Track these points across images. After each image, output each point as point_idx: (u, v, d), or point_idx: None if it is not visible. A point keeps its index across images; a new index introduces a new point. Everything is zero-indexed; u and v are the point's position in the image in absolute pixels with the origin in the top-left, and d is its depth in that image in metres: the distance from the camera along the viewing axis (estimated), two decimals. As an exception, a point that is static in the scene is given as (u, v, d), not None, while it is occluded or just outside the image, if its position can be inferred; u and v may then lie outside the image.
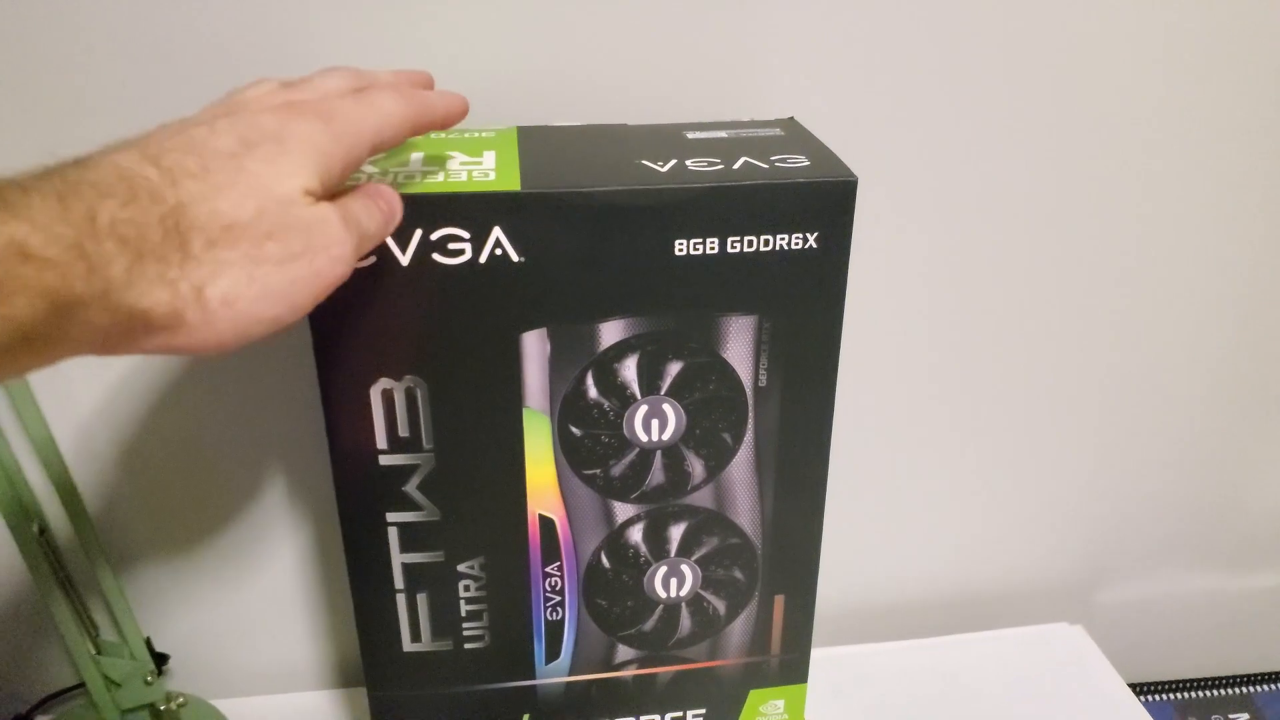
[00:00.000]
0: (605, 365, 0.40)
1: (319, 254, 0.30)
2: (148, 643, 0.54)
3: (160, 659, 0.55)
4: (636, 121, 0.45)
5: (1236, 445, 0.66)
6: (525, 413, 0.41)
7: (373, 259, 0.37)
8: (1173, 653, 0.73)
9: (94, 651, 0.53)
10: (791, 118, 0.46)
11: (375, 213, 0.33)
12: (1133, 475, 0.65)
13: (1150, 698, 0.71)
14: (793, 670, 0.49)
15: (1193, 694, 0.72)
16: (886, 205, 0.53)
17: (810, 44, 0.49)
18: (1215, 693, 0.73)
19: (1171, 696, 0.72)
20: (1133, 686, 0.63)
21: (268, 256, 0.28)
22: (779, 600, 0.47)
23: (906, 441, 0.61)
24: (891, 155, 0.52)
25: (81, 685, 0.58)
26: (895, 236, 0.54)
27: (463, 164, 0.39)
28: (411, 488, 0.42)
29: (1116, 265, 0.57)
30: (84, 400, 0.52)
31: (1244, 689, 0.73)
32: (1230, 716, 0.71)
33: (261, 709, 0.60)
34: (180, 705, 0.56)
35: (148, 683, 0.54)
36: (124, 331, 0.26)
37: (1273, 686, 0.73)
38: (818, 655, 0.63)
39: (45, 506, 0.52)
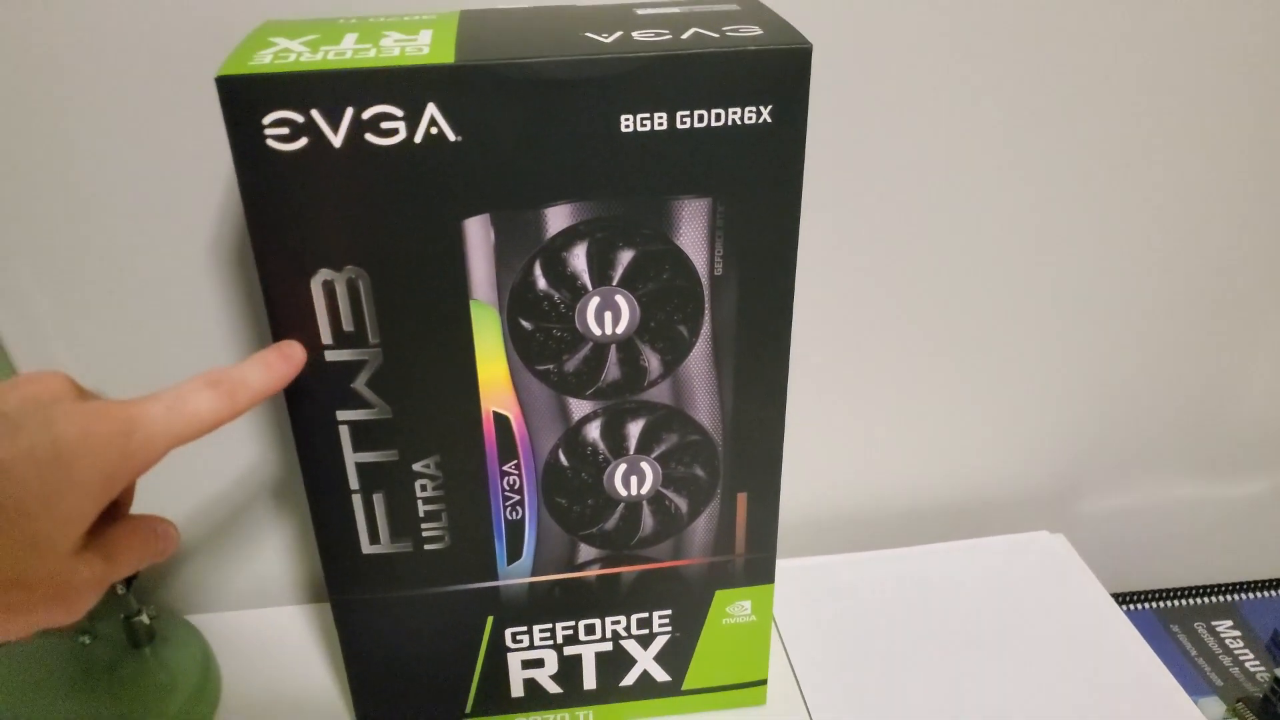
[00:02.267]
0: (553, 254, 0.39)
1: (59, 608, 0.29)
2: (115, 555, 0.54)
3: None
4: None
5: (1218, 352, 0.64)
6: (473, 305, 0.40)
7: (304, 141, 0.36)
8: (1156, 562, 0.73)
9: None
10: (752, -4, 0.44)
11: (135, 556, 0.32)
12: (1113, 382, 0.64)
13: (1133, 606, 0.71)
14: (759, 570, 0.49)
15: (1176, 602, 0.72)
16: (858, 92, 0.51)
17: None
18: (1199, 601, 0.72)
19: (1154, 605, 0.72)
20: (1115, 596, 0.63)
21: (10, 603, 0.28)
22: (742, 498, 0.46)
23: (879, 345, 0.60)
24: (864, 35, 0.50)
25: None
26: (864, 125, 0.52)
27: (396, 41, 0.37)
28: (360, 384, 0.41)
29: (1097, 163, 0.56)
30: (45, 323, 0.51)
31: (1228, 597, 0.72)
32: (1214, 623, 0.71)
33: (234, 623, 0.60)
34: (153, 618, 0.56)
35: (119, 593, 0.54)
36: None
37: (1257, 595, 0.73)
38: (789, 565, 0.63)
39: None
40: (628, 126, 0.37)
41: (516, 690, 0.50)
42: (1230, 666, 0.67)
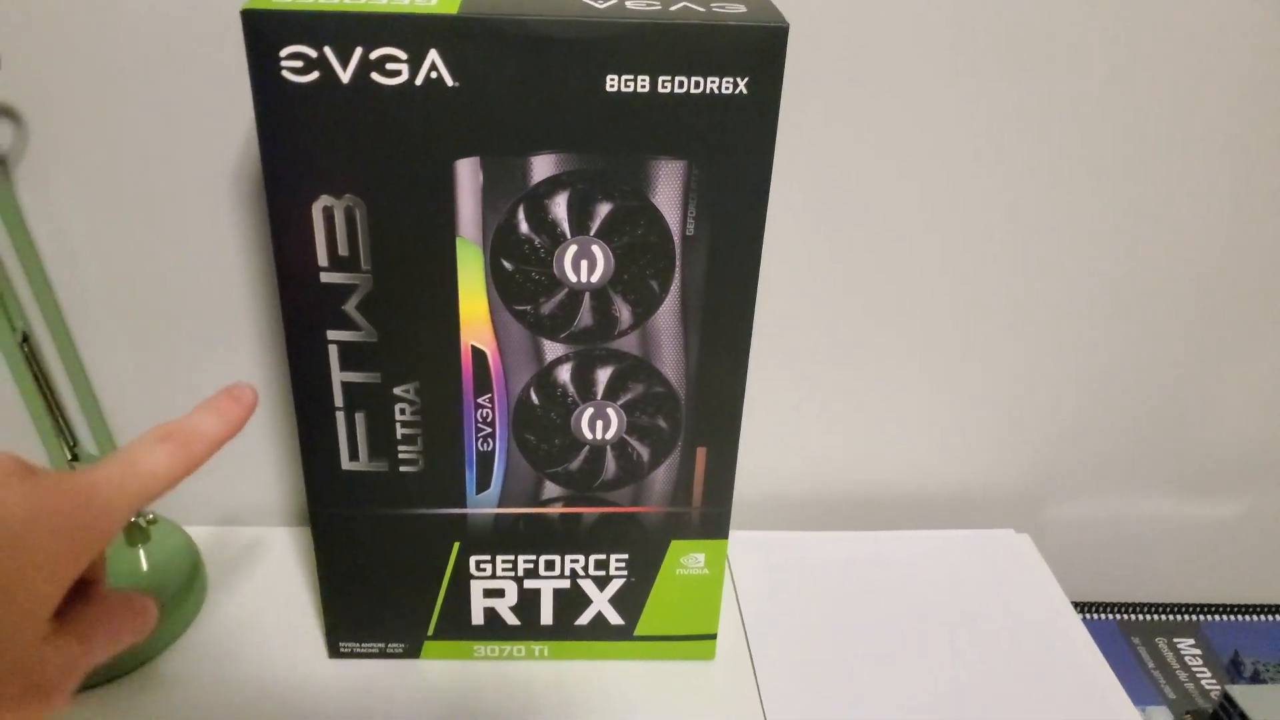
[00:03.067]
0: (536, 200, 0.42)
1: (34, 702, 0.27)
2: (121, 458, 0.58)
3: (132, 474, 0.59)
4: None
5: (1199, 370, 0.66)
6: (459, 242, 0.43)
7: (316, 74, 0.39)
8: (1121, 574, 0.74)
9: (71, 459, 0.57)
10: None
11: (117, 635, 0.31)
12: (1093, 389, 0.66)
13: (1096, 615, 0.73)
14: (714, 525, 0.51)
15: (1139, 616, 0.73)
16: (842, 75, 0.53)
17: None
18: (1163, 617, 0.73)
19: (1117, 617, 0.73)
20: (1080, 605, 0.64)
21: None
22: (701, 452, 0.49)
23: (860, 331, 0.62)
24: (853, 20, 0.52)
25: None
26: (844, 109, 0.55)
27: (409, -10, 0.40)
28: (351, 307, 0.44)
29: (1082, 163, 0.57)
30: (70, 215, 0.55)
31: (1193, 616, 0.74)
32: (1175, 640, 0.72)
33: (224, 537, 0.64)
34: (150, 521, 0.60)
35: (119, 494, 0.57)
36: None
37: (1222, 617, 0.74)
38: (754, 535, 0.66)
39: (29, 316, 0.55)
40: (612, 86, 0.40)
41: (477, 618, 0.53)
42: (1186, 682, 0.68)
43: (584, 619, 0.54)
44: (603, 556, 0.52)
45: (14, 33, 0.50)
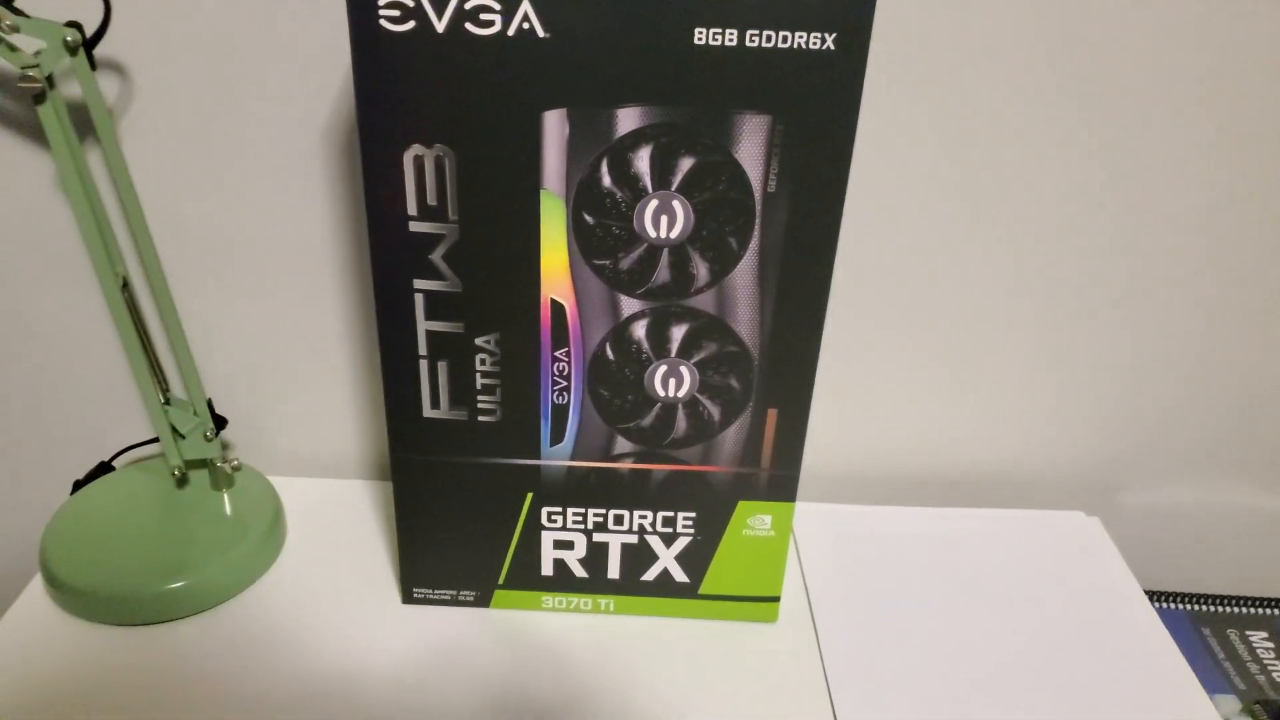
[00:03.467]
0: (620, 154, 0.43)
1: None
2: (209, 405, 0.60)
3: (220, 421, 0.61)
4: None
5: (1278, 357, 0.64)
6: (543, 194, 0.44)
7: (412, 23, 0.40)
8: (1194, 564, 0.73)
9: (164, 402, 0.59)
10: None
11: None
12: (1170, 374, 0.65)
13: (1165, 605, 0.71)
14: (782, 487, 0.52)
15: (1211, 608, 0.72)
16: (931, 38, 0.53)
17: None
18: (1236, 609, 0.72)
19: (1188, 606, 0.72)
20: (1148, 593, 0.63)
21: None
22: (772, 414, 0.49)
23: (939, 306, 0.62)
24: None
25: (153, 441, 0.64)
26: (932, 79, 0.54)
27: (504, -56, 0.41)
28: (437, 257, 0.45)
29: (1163, 163, 0.56)
30: (170, 164, 0.58)
31: (1267, 610, 0.72)
32: (1248, 633, 0.70)
33: (304, 488, 0.66)
34: (235, 467, 0.62)
35: (207, 438, 0.60)
36: None
37: (1299, 613, 0.72)
38: (822, 508, 0.66)
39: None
40: (700, 39, 0.40)
41: (547, 569, 0.55)
42: (1257, 674, 0.67)
43: (650, 575, 0.55)
44: (670, 514, 0.53)
45: (125, -11, 0.52)
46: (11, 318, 0.63)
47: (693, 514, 0.53)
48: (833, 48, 0.40)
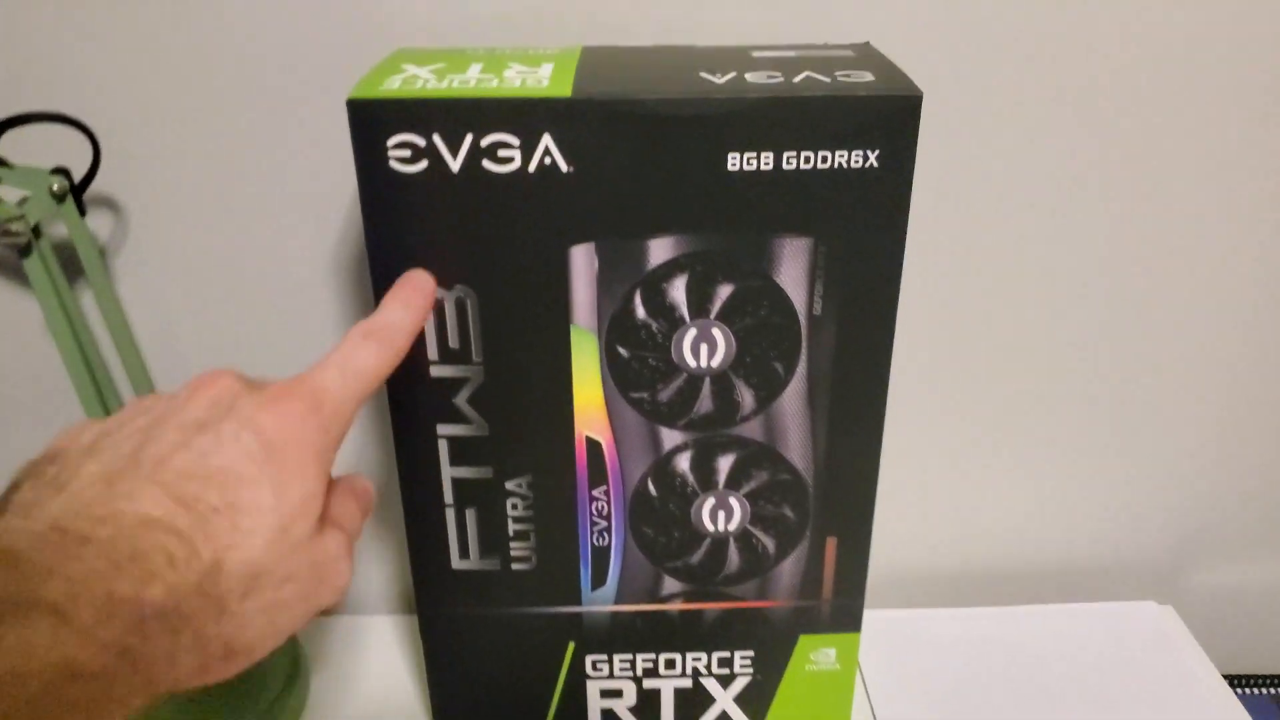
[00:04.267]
0: (654, 285, 0.40)
1: (325, 588, 0.30)
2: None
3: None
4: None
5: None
6: (573, 330, 0.41)
7: (425, 163, 0.37)
8: (1273, 644, 0.68)
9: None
10: (867, 42, 0.44)
11: (356, 514, 0.34)
12: (1233, 448, 0.61)
13: (1247, 690, 0.67)
14: (845, 617, 0.48)
15: (1296, 691, 0.68)
16: (968, 140, 0.51)
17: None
18: (1322, 692, 0.67)
19: (1273, 690, 0.67)
20: (1228, 678, 0.59)
21: (285, 600, 0.29)
22: (831, 542, 0.46)
23: (987, 398, 0.58)
24: (968, 92, 0.50)
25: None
26: (975, 175, 0.52)
27: (519, 73, 0.38)
28: (461, 400, 0.42)
29: (1226, 229, 0.53)
30: (171, 306, 0.55)
31: (1355, 690, 0.67)
32: (1339, 718, 0.66)
33: (327, 628, 0.62)
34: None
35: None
36: (147, 700, 0.26)
37: (1389, 691, 0.67)
38: (881, 615, 0.62)
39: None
40: (734, 165, 0.37)
41: (594, 719, 0.50)
42: (1352, 762, 0.62)
43: (707, 718, 0.51)
44: (726, 654, 0.49)
45: (112, 123, 0.49)
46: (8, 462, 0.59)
47: (750, 652, 0.49)
48: (875, 165, 0.37)
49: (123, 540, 0.25)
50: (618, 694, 0.50)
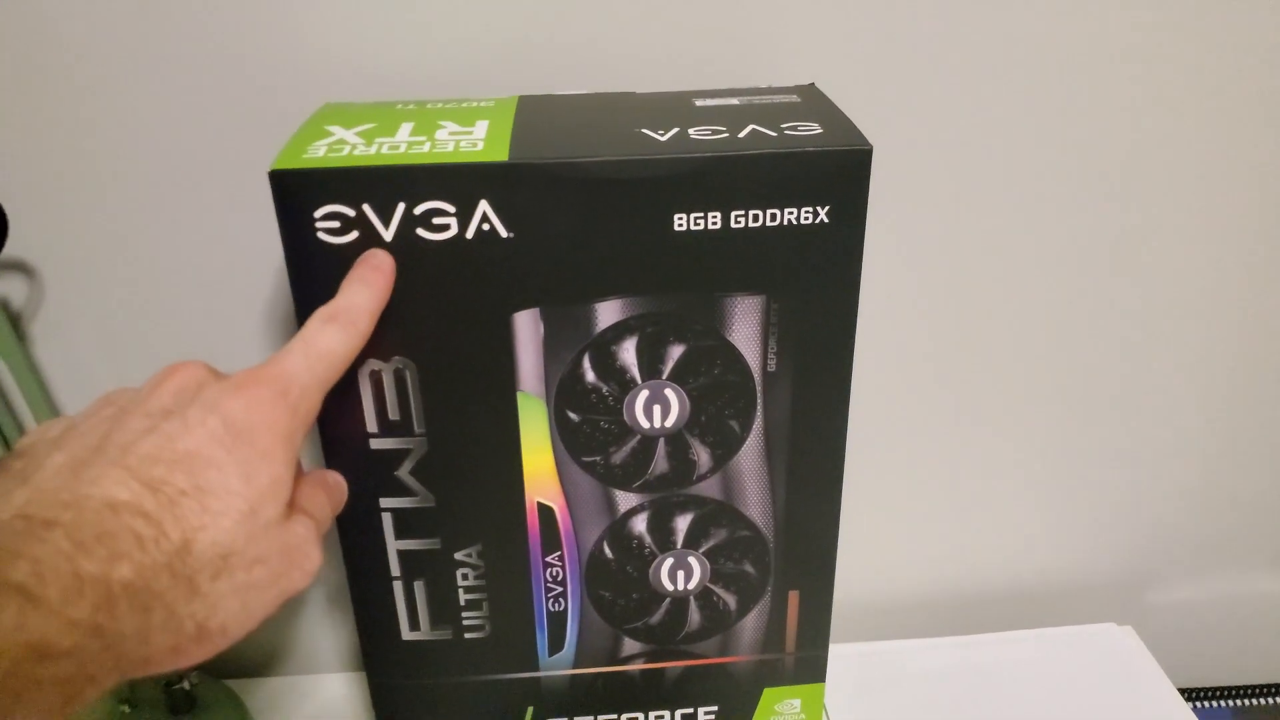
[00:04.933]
0: (603, 348, 0.38)
1: (295, 571, 0.30)
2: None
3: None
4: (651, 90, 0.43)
5: (1305, 438, 0.61)
6: (520, 397, 0.39)
7: (355, 234, 0.35)
8: (1231, 657, 0.69)
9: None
10: (812, 84, 0.43)
11: (325, 504, 0.34)
12: (1183, 470, 0.61)
13: (1207, 704, 0.67)
14: (809, 669, 0.47)
15: (1252, 700, 0.68)
16: (921, 179, 0.50)
17: (839, 9, 0.46)
18: (1277, 700, 0.68)
19: (1229, 703, 0.68)
20: (1189, 691, 0.60)
21: (256, 581, 0.29)
22: (793, 596, 0.45)
23: (942, 426, 0.58)
24: (923, 127, 0.49)
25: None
26: (926, 215, 0.51)
27: (451, 134, 0.37)
28: (404, 473, 0.40)
29: (1168, 251, 0.53)
30: (92, 369, 0.52)
31: (1310, 696, 0.68)
32: (1293, 724, 0.67)
33: (274, 689, 0.60)
34: (194, 684, 0.56)
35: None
36: (120, 677, 0.26)
37: (1342, 695, 0.68)
38: (842, 650, 0.61)
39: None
40: (681, 225, 0.36)
41: (555, 782, 0.49)
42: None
43: (672, 776, 0.49)
44: (690, 711, 0.47)
45: (23, 187, 0.46)
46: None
47: (714, 708, 0.47)
48: (826, 221, 0.36)
49: (88, 523, 0.25)
50: (580, 758, 0.48)
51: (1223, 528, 0.64)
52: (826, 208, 0.36)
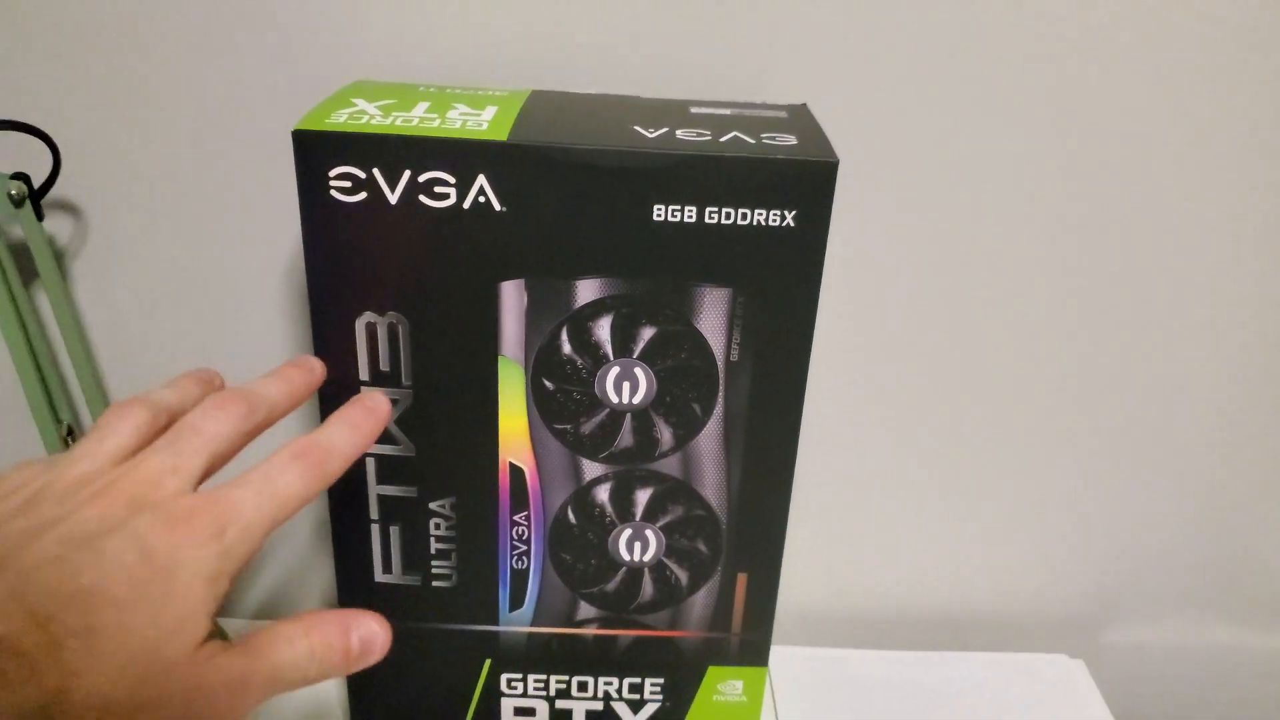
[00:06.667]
0: (580, 323, 0.42)
1: (211, 714, 0.28)
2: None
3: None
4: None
5: (1263, 498, 0.63)
6: (500, 361, 0.42)
7: (364, 195, 0.39)
8: (1179, 706, 0.70)
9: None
10: (804, 104, 0.47)
11: (287, 650, 0.30)
12: (1151, 514, 0.63)
13: (1153, 747, 0.69)
14: (753, 652, 0.49)
15: (1202, 749, 0.69)
16: (896, 199, 0.53)
17: (844, 38, 0.49)
18: (1226, 751, 0.69)
19: (1178, 749, 0.69)
20: (1132, 732, 0.61)
21: None
22: (742, 578, 0.47)
23: (906, 448, 0.60)
24: (911, 149, 0.52)
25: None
26: (899, 233, 0.54)
27: (461, 115, 0.40)
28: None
29: (1139, 280, 0.56)
30: (124, 309, 0.56)
31: (1258, 753, 0.69)
32: (1239, 778, 0.68)
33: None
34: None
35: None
36: None
37: (1291, 754, 0.70)
38: (797, 652, 0.63)
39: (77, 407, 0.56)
40: (659, 215, 0.39)
41: (506, 735, 0.52)
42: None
43: (615, 742, 0.52)
44: (637, 680, 0.50)
45: (76, 133, 0.51)
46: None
47: (661, 679, 0.50)
48: (793, 225, 0.39)
49: None
50: (530, 712, 0.51)
51: (1187, 575, 0.66)
52: (793, 212, 0.39)
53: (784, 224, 0.39)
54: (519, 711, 0.51)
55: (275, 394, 0.35)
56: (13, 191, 0.47)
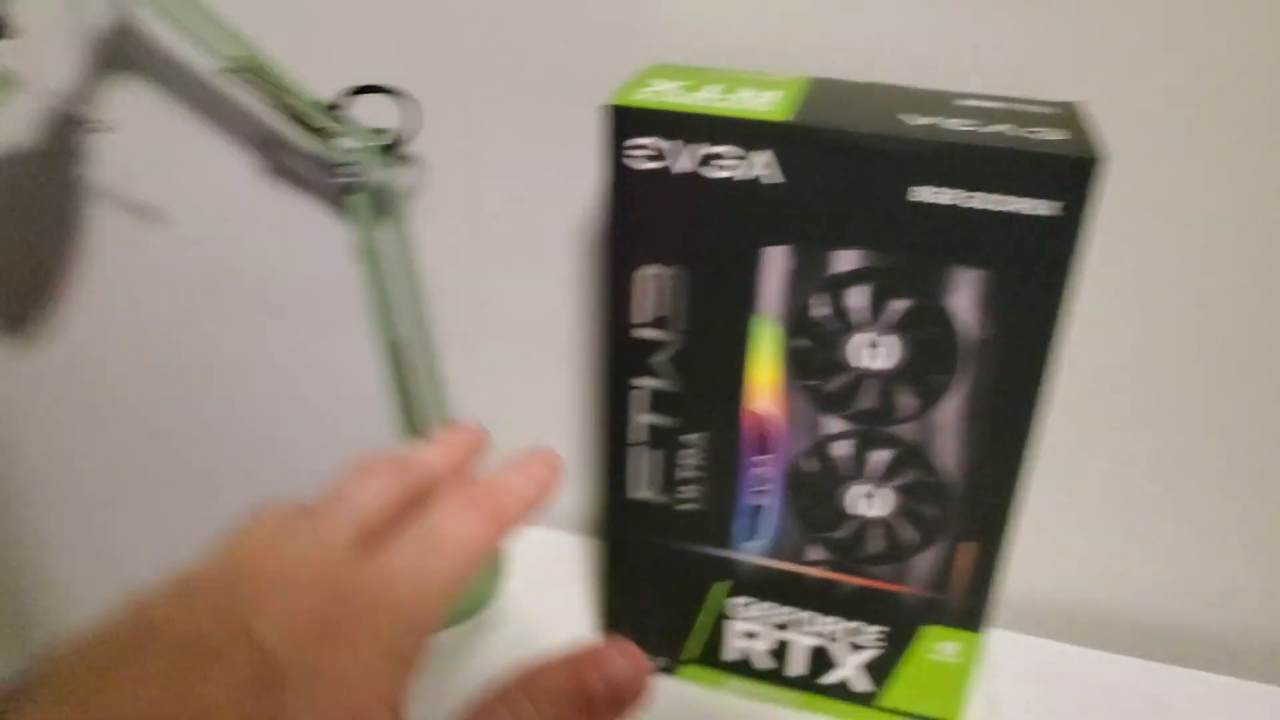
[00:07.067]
0: (835, 290, 0.46)
1: None
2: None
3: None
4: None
5: None
6: (760, 318, 0.48)
7: (659, 163, 0.45)
8: None
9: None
10: (1077, 102, 0.48)
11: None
12: None
13: None
14: (971, 617, 0.52)
15: None
16: (1167, 200, 0.52)
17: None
18: None
19: None
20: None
21: None
22: (968, 547, 0.50)
23: (1164, 450, 0.59)
24: (1186, 152, 0.51)
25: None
26: (1166, 234, 0.53)
27: (749, 96, 0.45)
28: (661, 359, 0.50)
29: None
30: (449, 246, 0.67)
31: None
32: None
33: (531, 535, 0.73)
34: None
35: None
36: None
37: None
38: (1021, 640, 0.64)
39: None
40: (920, 197, 0.42)
41: (730, 654, 0.58)
42: None
43: (830, 678, 0.56)
44: (856, 625, 0.54)
45: (432, 87, 0.61)
46: (295, 353, 0.74)
47: (877, 629, 0.54)
48: (1053, 216, 0.41)
49: None
50: (754, 636, 0.57)
51: None
52: (1054, 204, 0.41)
53: (1044, 214, 0.41)
54: (744, 635, 0.57)
55: (525, 492, 0.33)
56: (383, 143, 0.57)
